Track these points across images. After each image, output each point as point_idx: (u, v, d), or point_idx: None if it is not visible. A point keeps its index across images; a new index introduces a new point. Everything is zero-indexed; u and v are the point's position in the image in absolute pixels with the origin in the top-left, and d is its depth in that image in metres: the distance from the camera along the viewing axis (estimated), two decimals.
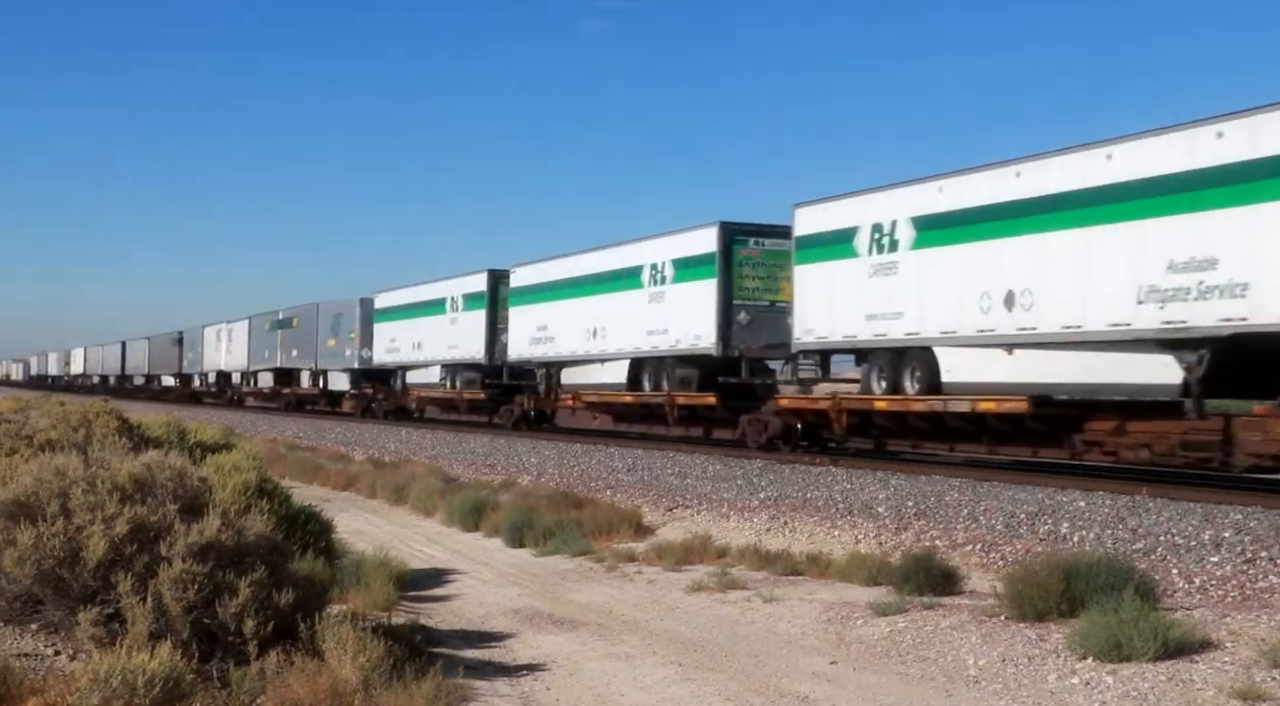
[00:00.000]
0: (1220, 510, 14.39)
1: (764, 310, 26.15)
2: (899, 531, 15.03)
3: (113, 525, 7.87)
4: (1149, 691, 8.09)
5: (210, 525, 8.06)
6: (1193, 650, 8.70)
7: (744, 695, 8.73)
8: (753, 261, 26.32)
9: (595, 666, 9.60)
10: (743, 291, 26.20)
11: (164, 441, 14.96)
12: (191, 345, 74.66)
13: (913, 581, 11.74)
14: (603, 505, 18.57)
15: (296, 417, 51.63)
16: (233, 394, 67.99)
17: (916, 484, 18.23)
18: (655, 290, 28.76)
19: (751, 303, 26.21)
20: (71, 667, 7.42)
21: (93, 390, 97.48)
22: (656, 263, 28.69)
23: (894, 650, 9.99)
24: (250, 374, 63.56)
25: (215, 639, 7.68)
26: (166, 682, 6.71)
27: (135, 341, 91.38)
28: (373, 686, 7.50)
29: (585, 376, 32.61)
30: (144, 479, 8.57)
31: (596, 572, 14.30)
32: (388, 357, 46.15)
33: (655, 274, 28.77)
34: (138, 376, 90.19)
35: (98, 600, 7.74)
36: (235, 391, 67.69)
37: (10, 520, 8.00)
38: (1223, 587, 11.42)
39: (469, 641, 10.44)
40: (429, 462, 27.19)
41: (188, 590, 7.58)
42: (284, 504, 10.97)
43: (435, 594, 13.05)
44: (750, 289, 26.27)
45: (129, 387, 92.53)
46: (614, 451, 26.45)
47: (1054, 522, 14.45)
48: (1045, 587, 10.03)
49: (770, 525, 16.52)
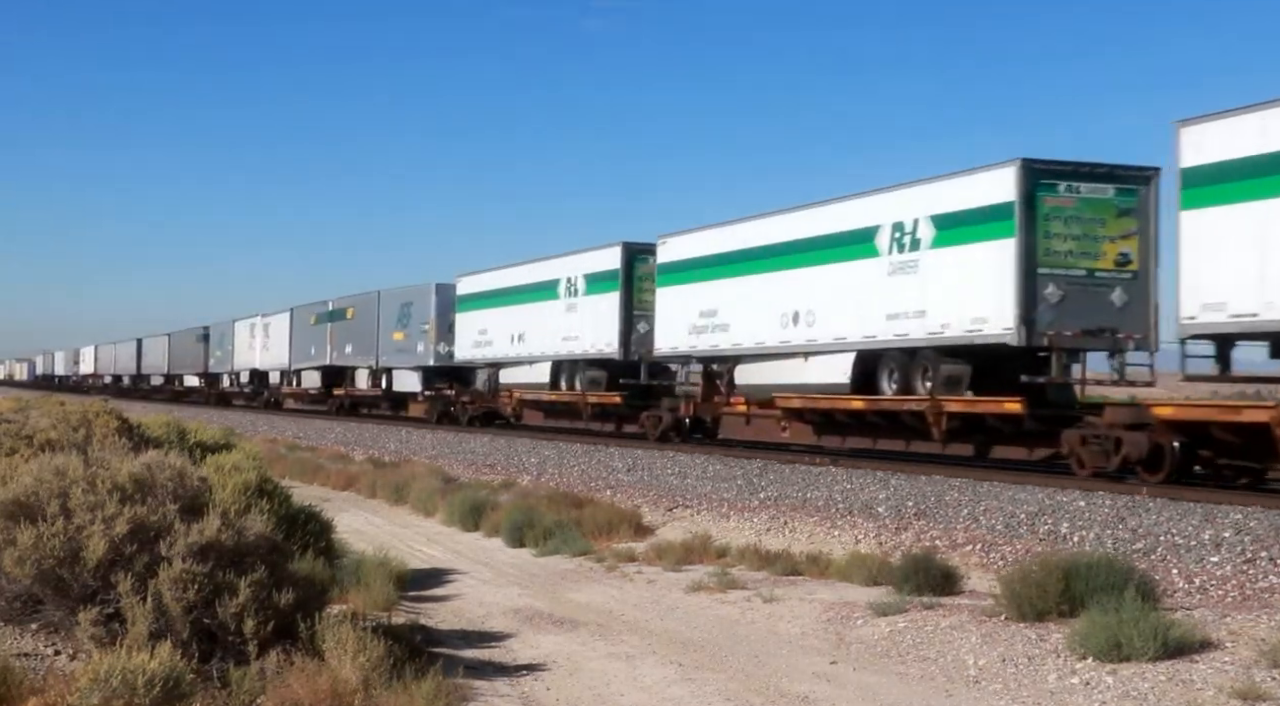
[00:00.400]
0: (1220, 510, 14.39)
1: (1080, 282, 19.51)
2: (899, 531, 15.02)
3: (113, 525, 7.87)
4: (1149, 691, 8.09)
5: (210, 525, 8.06)
6: (1193, 650, 8.71)
7: (744, 695, 8.73)
8: (1064, 215, 19.46)
9: (595, 666, 9.60)
10: (1052, 256, 19.37)
11: (164, 441, 14.96)
12: (220, 341, 67.64)
13: (913, 581, 11.74)
14: (603, 505, 18.57)
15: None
16: (269, 396, 61.03)
17: (916, 484, 18.23)
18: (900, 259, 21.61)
19: (1063, 272, 19.41)
20: (71, 667, 7.41)
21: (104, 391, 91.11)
22: (903, 221, 21.54)
23: (894, 650, 9.99)
24: (292, 373, 56.48)
25: (215, 639, 7.68)
26: (166, 682, 6.70)
27: (153, 338, 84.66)
28: (373, 686, 7.50)
29: (777, 375, 25.02)
30: (144, 479, 8.57)
31: (596, 572, 14.30)
32: (475, 353, 38.14)
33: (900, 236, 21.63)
34: (155, 376, 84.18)
35: (98, 600, 7.74)
36: (273, 393, 60.55)
37: (10, 520, 8.00)
38: (1223, 587, 11.42)
39: (469, 641, 10.44)
40: (429, 462, 27.18)
41: (188, 590, 7.58)
42: (284, 504, 10.97)
43: (435, 594, 13.04)
44: (1061, 253, 19.44)
45: (145, 388, 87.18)
46: (614, 451, 26.43)
47: (1054, 522, 14.45)
48: (1045, 587, 10.03)
49: (770, 525, 16.52)
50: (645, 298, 29.60)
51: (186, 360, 74.56)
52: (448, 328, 40.29)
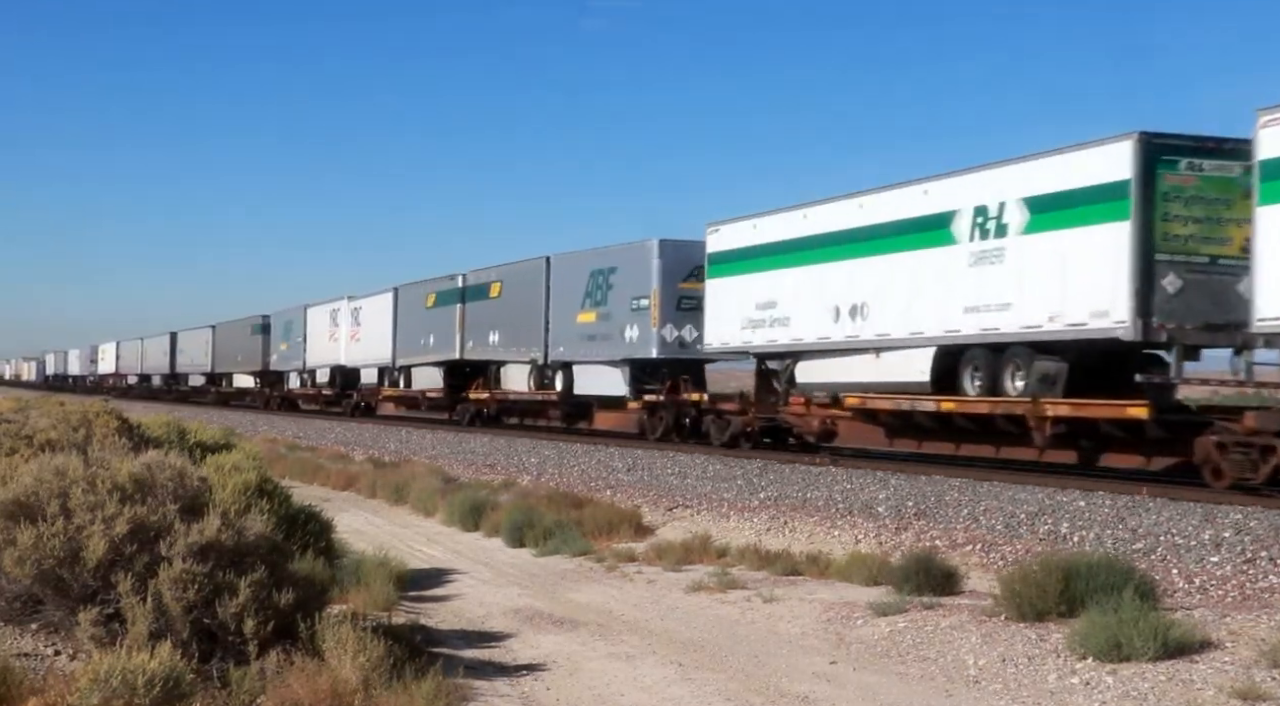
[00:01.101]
0: (1220, 510, 14.39)
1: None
2: (899, 531, 15.02)
3: (113, 525, 7.87)
4: (1149, 691, 8.09)
5: (210, 525, 8.06)
6: (1193, 650, 8.71)
7: (744, 695, 8.73)
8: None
9: (595, 666, 9.60)
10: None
11: (164, 441, 14.97)
12: (285, 332, 55.81)
13: (913, 581, 11.74)
14: (603, 505, 18.57)
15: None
16: (360, 399, 48.72)
17: (916, 484, 18.22)
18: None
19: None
20: (71, 667, 7.41)
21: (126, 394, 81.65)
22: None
23: (894, 650, 9.99)
24: (396, 370, 44.46)
25: (215, 639, 7.69)
26: (166, 682, 6.71)
27: (192, 331, 72.81)
28: (373, 686, 7.50)
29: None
30: (144, 479, 8.57)
31: (596, 572, 14.30)
32: (744, 337, 25.95)
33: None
34: (194, 375, 72.71)
35: (98, 600, 7.74)
36: (366, 395, 48.29)
37: (10, 520, 8.00)
38: (1223, 587, 11.42)
39: (469, 641, 10.44)
40: (429, 462, 27.18)
41: (188, 590, 7.58)
42: (284, 504, 10.98)
43: (435, 594, 13.04)
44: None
45: (181, 390, 75.93)
46: (614, 451, 26.42)
47: (1054, 522, 14.45)
48: (1045, 587, 10.03)
49: (770, 525, 16.52)
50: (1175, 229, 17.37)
51: (237, 356, 63.12)
52: (676, 303, 28.50)
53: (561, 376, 33.32)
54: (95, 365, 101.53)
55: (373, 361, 46.35)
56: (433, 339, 40.61)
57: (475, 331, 37.83)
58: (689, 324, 28.31)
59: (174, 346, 75.84)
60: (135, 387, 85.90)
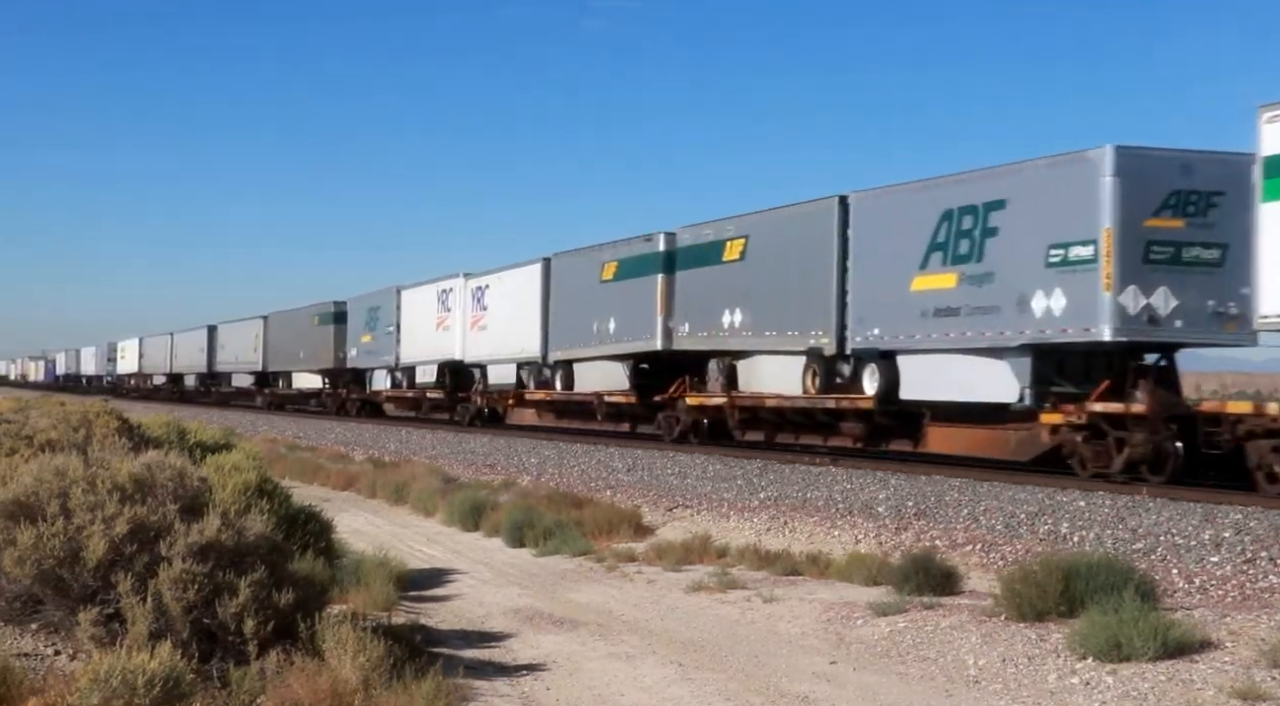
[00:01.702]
0: (1220, 510, 14.39)
1: None
2: (899, 531, 15.02)
3: (113, 525, 7.87)
4: (1149, 691, 8.09)
5: (210, 525, 8.06)
6: (1193, 650, 8.71)
7: (744, 695, 8.73)
8: None
9: (595, 666, 9.60)
10: None
11: (164, 441, 14.97)
12: (369, 322, 45.31)
13: (913, 581, 11.74)
14: (603, 505, 18.56)
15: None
16: (486, 404, 38.31)
17: (916, 484, 18.22)
18: None
19: None
20: (71, 667, 7.42)
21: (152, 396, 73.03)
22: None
23: (894, 650, 9.99)
24: (548, 367, 33.98)
25: (215, 639, 7.69)
26: (166, 682, 6.71)
27: (235, 324, 61.94)
28: (373, 686, 7.50)
29: None
30: (144, 479, 8.57)
31: (596, 572, 14.30)
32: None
33: None
34: (239, 374, 61.77)
35: (98, 600, 7.74)
36: (494, 399, 37.59)
37: (10, 520, 8.00)
38: (1223, 587, 11.43)
39: (469, 641, 10.44)
40: (429, 462, 27.16)
41: (188, 590, 7.58)
42: (284, 504, 10.98)
43: (435, 594, 13.04)
44: None
45: (222, 392, 66.01)
46: (614, 451, 26.42)
47: (1054, 522, 14.45)
48: (1045, 587, 10.03)
49: (770, 525, 16.51)
50: None
51: (297, 353, 52.70)
52: (1143, 253, 17.58)
53: (874, 372, 22.17)
54: (114, 364, 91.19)
55: (508, 355, 35.72)
56: (613, 324, 30.38)
57: (692, 310, 27.47)
58: (1162, 286, 17.67)
59: (212, 341, 64.81)
60: (163, 389, 75.07)
